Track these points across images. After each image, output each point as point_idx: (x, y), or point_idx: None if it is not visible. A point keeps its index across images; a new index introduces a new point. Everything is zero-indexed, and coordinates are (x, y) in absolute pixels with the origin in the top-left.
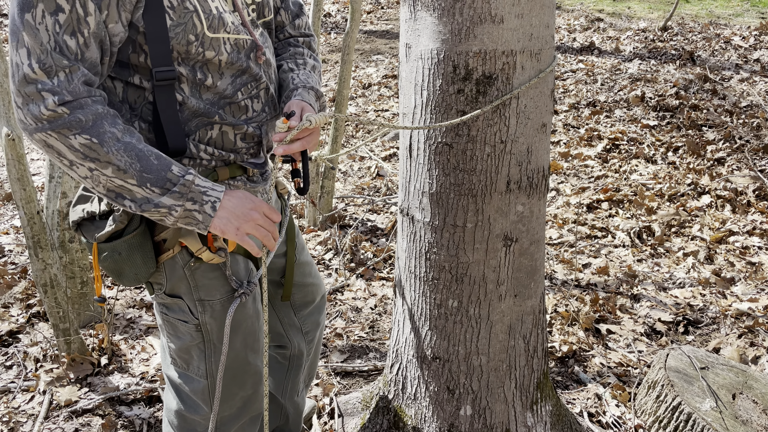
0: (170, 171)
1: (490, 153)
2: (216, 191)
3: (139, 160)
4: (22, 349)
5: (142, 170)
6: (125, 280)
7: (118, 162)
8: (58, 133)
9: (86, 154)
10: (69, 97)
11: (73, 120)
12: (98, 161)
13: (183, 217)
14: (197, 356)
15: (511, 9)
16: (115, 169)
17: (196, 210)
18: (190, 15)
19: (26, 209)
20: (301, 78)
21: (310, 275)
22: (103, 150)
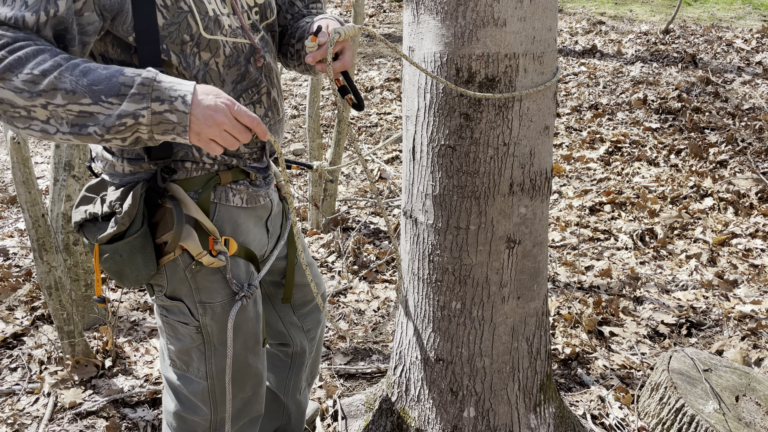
0: (122, 75)
1: (493, 155)
2: (184, 85)
3: (85, 75)
4: (27, 351)
5: (91, 84)
6: (126, 281)
7: (65, 84)
8: (2, 79)
9: (31, 90)
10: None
11: (13, 60)
12: (45, 93)
13: (155, 123)
14: (197, 358)
15: (513, 12)
16: (64, 93)
17: (167, 110)
18: (184, 15)
19: (31, 212)
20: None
21: (310, 275)
22: (46, 79)
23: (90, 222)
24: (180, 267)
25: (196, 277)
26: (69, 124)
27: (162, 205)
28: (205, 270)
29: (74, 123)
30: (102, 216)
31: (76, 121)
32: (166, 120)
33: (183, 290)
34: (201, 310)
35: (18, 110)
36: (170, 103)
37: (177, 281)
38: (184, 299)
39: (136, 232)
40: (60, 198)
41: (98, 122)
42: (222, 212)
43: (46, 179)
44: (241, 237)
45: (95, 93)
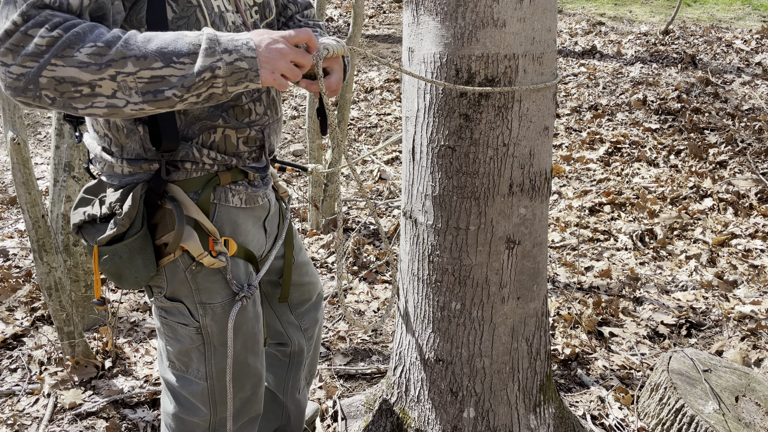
0: (186, 36)
1: (493, 156)
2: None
3: (149, 42)
4: (27, 352)
5: (160, 48)
6: (125, 283)
7: (133, 51)
8: (62, 57)
9: (98, 62)
10: (59, 19)
11: (72, 35)
12: (114, 62)
13: (230, 73)
14: (197, 359)
15: (513, 13)
16: (135, 59)
17: (237, 59)
18: (193, 9)
19: (31, 213)
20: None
21: (307, 274)
22: (113, 49)
23: (89, 224)
24: (180, 268)
25: (196, 278)
26: (140, 92)
27: (162, 207)
28: (206, 271)
29: (146, 90)
30: (101, 217)
31: (147, 88)
32: (238, 69)
33: (183, 291)
34: (201, 311)
35: (81, 88)
36: (237, 51)
37: (177, 282)
38: (184, 300)
39: (136, 234)
40: (60, 199)
41: (174, 84)
42: (222, 213)
43: (46, 180)
44: (240, 237)
45: (166, 55)
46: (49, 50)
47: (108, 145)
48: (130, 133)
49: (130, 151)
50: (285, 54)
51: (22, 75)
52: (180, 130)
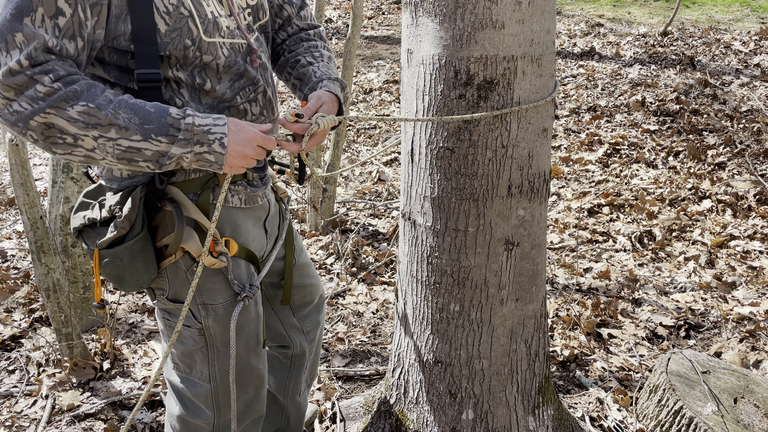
0: (169, 116)
1: (492, 157)
2: (218, 126)
3: (136, 114)
4: (25, 353)
5: (142, 122)
6: (126, 286)
7: (118, 121)
8: (56, 108)
9: (87, 121)
10: (63, 72)
11: (69, 92)
12: (100, 125)
13: (196, 160)
14: (200, 360)
15: (512, 15)
16: (118, 128)
17: (206, 152)
18: (185, 20)
19: (29, 214)
20: (322, 71)
21: (308, 276)
22: (102, 113)
23: (89, 227)
24: (182, 269)
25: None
26: (116, 156)
27: (161, 208)
28: (207, 272)
29: (122, 157)
30: (101, 221)
31: (123, 155)
32: (204, 159)
33: (185, 293)
34: (203, 312)
35: (65, 137)
36: (209, 145)
37: (179, 284)
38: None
39: (137, 236)
40: (58, 200)
41: (148, 158)
42: (222, 213)
43: (44, 181)
44: (241, 238)
45: (146, 132)
46: (47, 99)
47: None
48: None
49: None
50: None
51: (17, 112)
52: None
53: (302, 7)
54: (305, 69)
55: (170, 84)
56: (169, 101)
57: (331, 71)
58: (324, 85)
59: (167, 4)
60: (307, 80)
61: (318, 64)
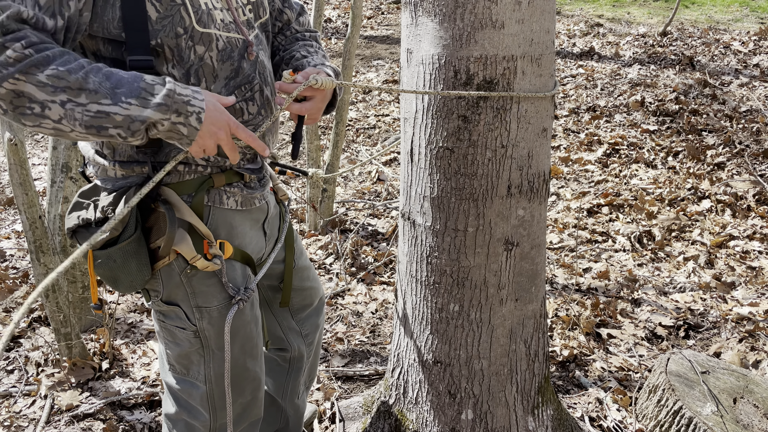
0: (143, 80)
1: (491, 157)
2: (197, 98)
3: (108, 79)
4: (24, 353)
5: (113, 87)
6: (120, 287)
7: (88, 85)
8: (26, 73)
9: (55, 84)
10: (35, 39)
11: (41, 57)
12: (69, 89)
13: (168, 130)
14: (197, 361)
15: (511, 14)
16: (87, 93)
17: (181, 123)
18: (177, 8)
19: (28, 214)
20: (316, 61)
21: (308, 279)
22: (72, 77)
23: (83, 228)
24: (175, 271)
25: (191, 282)
26: (85, 124)
27: (155, 210)
28: (201, 274)
29: (90, 124)
30: (95, 221)
31: (92, 122)
32: (177, 131)
33: (179, 295)
34: (198, 315)
35: (33, 105)
36: (186, 117)
37: (173, 286)
38: (181, 304)
39: (129, 237)
40: (57, 200)
41: (119, 124)
42: (216, 215)
43: (43, 181)
44: (236, 240)
45: (116, 95)
46: (16, 65)
47: (100, 147)
48: None
49: (121, 153)
50: (220, 141)
51: None
52: None
53: (301, 13)
54: (299, 62)
55: None
56: None
57: (326, 63)
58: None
59: None
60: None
61: (312, 57)
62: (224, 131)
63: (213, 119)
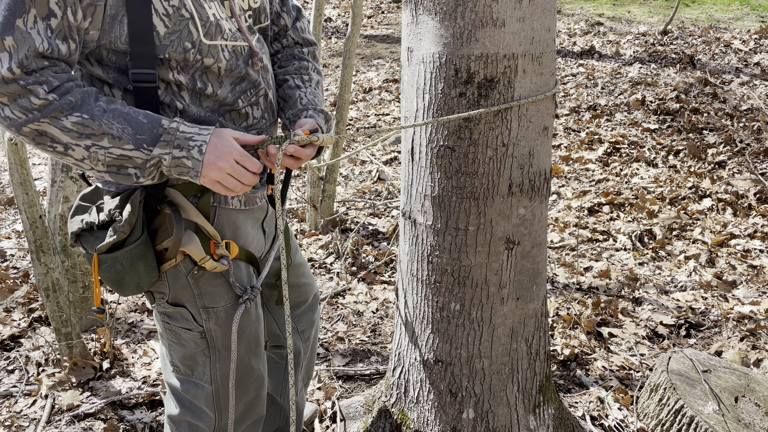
0: (161, 126)
1: (492, 156)
2: (201, 135)
3: (129, 124)
4: (24, 353)
5: (135, 133)
6: (126, 290)
7: (111, 131)
8: (51, 117)
9: (80, 131)
10: (56, 82)
11: (64, 103)
12: (94, 135)
13: (175, 166)
14: (202, 362)
15: (512, 13)
16: (111, 138)
17: (184, 157)
18: (185, 22)
19: (28, 213)
20: (308, 98)
21: (303, 276)
22: (96, 123)
23: (87, 231)
24: (182, 273)
25: (198, 283)
26: (106, 164)
27: (161, 211)
28: (208, 275)
29: (113, 164)
30: (99, 225)
31: (115, 163)
32: (182, 164)
33: (186, 296)
34: (204, 315)
35: (56, 145)
36: (188, 150)
37: (179, 287)
38: (187, 305)
39: (137, 240)
40: (57, 199)
41: (137, 165)
42: (222, 215)
43: (43, 181)
44: (241, 239)
45: (138, 141)
46: (42, 111)
47: None
48: None
49: None
50: (221, 168)
51: (9, 119)
52: None
53: (298, 18)
54: (292, 92)
55: (171, 87)
56: (170, 104)
57: (318, 100)
58: (309, 115)
59: (167, 6)
60: (292, 104)
61: (305, 90)
62: (227, 161)
63: (214, 150)
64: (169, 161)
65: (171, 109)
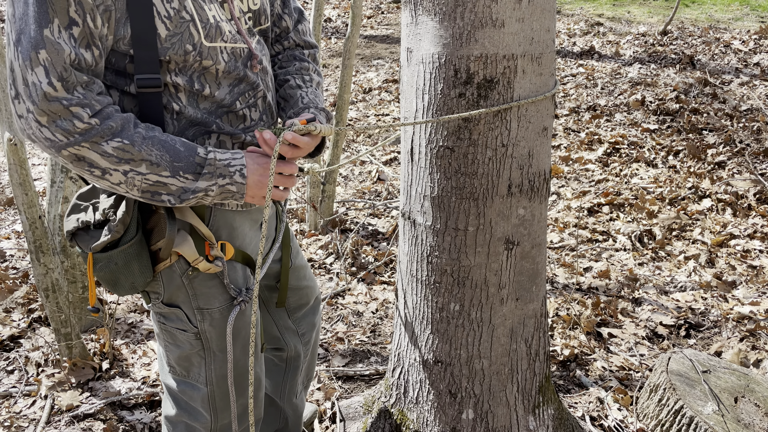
0: (197, 155)
1: (492, 156)
2: (237, 158)
3: (167, 152)
4: (24, 353)
5: (173, 160)
6: (120, 289)
7: (150, 157)
8: (91, 142)
9: (120, 157)
10: (98, 107)
11: (106, 128)
12: (133, 161)
13: (219, 194)
14: (197, 363)
15: (512, 13)
16: (149, 164)
17: (229, 183)
18: (186, 25)
19: (28, 214)
20: (309, 97)
21: (304, 278)
22: (136, 149)
23: (82, 230)
24: (176, 273)
25: (193, 284)
26: (141, 189)
27: (156, 211)
28: (202, 276)
29: (147, 190)
30: (94, 224)
31: (149, 188)
32: (227, 190)
33: (180, 297)
34: (199, 317)
35: (94, 170)
36: (230, 177)
37: (174, 288)
38: (182, 306)
39: (131, 240)
40: (57, 200)
41: (173, 193)
42: (218, 216)
43: (43, 181)
44: (237, 241)
45: (175, 169)
46: (84, 135)
47: None
48: None
49: None
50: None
51: (49, 140)
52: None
53: (300, 20)
54: (293, 91)
55: (168, 88)
56: (167, 105)
57: (319, 99)
58: (311, 113)
59: (168, 8)
60: (293, 104)
61: (306, 90)
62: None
63: (255, 169)
64: (216, 191)
65: (167, 110)
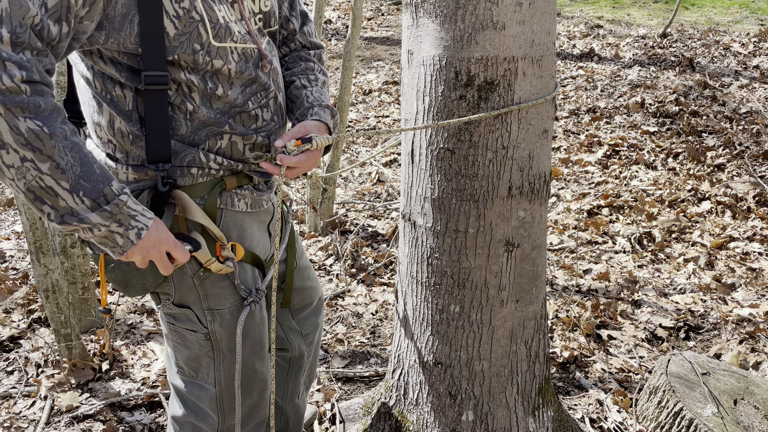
0: (110, 186)
1: (492, 158)
2: (146, 218)
3: (81, 165)
4: (24, 354)
5: (81, 176)
6: (132, 291)
7: (60, 159)
8: (8, 109)
9: (30, 141)
10: (36, 77)
11: (32, 102)
12: (40, 153)
13: (101, 237)
14: (206, 364)
15: (512, 16)
16: (54, 166)
17: (119, 233)
18: (195, 24)
19: (28, 214)
20: (314, 96)
21: (308, 279)
22: (50, 143)
23: None
24: (188, 274)
25: (204, 284)
26: (28, 186)
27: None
28: (213, 277)
29: (33, 190)
30: None
31: (37, 190)
32: (112, 239)
33: (191, 297)
34: (209, 317)
35: None
36: (127, 230)
37: (185, 289)
38: (192, 307)
39: None
40: None
41: (57, 208)
42: (228, 218)
43: None
44: (247, 242)
45: (78, 186)
46: (3, 95)
47: (112, 151)
48: (135, 139)
49: (135, 157)
50: (153, 258)
51: None
52: (186, 135)
53: (305, 23)
54: (298, 92)
55: (182, 87)
56: (180, 105)
57: (324, 97)
58: (314, 113)
59: (177, 8)
60: (299, 104)
61: (311, 89)
62: (159, 252)
63: (153, 239)
64: (101, 233)
65: (181, 110)
